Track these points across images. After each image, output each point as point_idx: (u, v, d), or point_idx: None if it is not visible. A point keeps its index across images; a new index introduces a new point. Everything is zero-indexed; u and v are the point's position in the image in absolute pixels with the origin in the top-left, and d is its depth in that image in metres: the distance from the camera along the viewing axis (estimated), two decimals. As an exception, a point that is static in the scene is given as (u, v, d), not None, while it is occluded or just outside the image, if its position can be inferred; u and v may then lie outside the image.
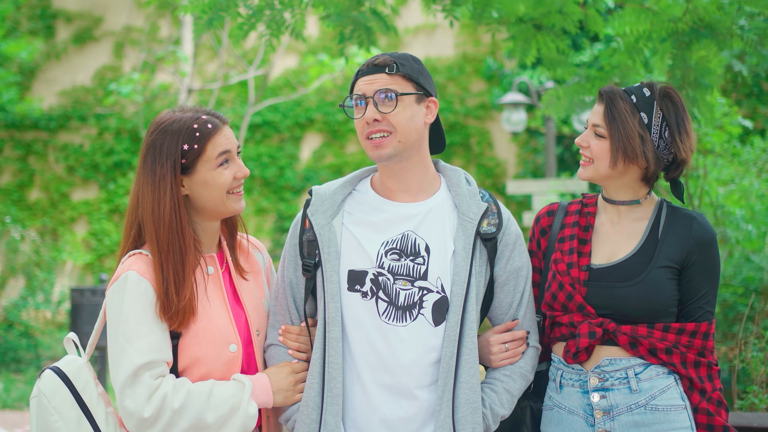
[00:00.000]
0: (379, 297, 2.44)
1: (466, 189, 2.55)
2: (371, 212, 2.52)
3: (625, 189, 2.64)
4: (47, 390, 2.40)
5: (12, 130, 14.21)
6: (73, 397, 2.39)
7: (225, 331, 2.43)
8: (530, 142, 12.91)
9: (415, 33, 13.87)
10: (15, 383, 9.93)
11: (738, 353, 4.36)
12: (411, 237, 2.47)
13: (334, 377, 2.41)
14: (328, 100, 13.85)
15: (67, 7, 14.53)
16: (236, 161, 2.49)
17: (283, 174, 13.72)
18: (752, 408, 4.05)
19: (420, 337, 2.42)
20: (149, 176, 2.42)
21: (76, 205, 14.19)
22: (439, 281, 2.45)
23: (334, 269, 2.45)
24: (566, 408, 2.61)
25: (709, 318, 2.56)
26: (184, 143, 2.41)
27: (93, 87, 14.37)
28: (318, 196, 2.55)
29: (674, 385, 2.53)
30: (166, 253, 2.39)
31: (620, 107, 2.57)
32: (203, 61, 13.99)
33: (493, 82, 13.34)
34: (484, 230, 2.49)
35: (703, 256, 2.56)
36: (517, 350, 2.57)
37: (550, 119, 10.36)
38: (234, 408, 2.34)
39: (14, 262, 12.32)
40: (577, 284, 2.59)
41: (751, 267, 5.99)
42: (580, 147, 2.66)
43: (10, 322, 11.33)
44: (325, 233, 2.48)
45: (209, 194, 2.45)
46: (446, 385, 2.40)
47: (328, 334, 2.42)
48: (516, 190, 10.12)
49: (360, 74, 2.51)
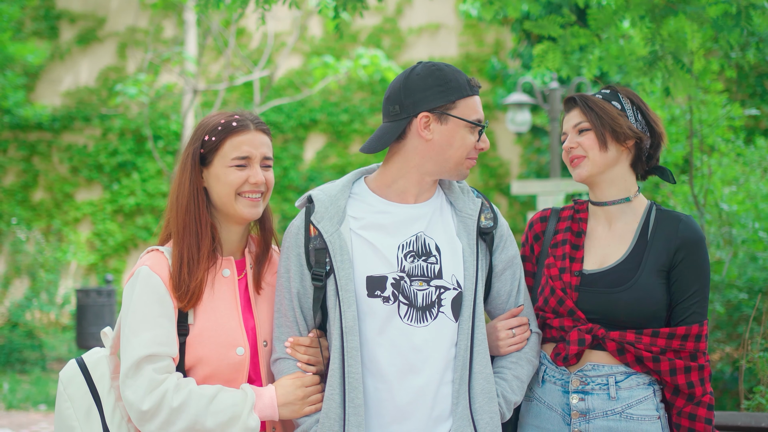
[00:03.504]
0: (400, 301, 2.43)
1: (458, 187, 2.60)
2: (379, 216, 2.50)
3: (617, 183, 2.69)
4: (65, 377, 2.47)
5: (16, 130, 14.24)
6: (88, 386, 2.44)
7: (232, 334, 2.42)
8: (534, 142, 12.91)
9: (419, 33, 13.87)
10: (20, 384, 9.95)
11: (744, 353, 4.36)
12: (422, 238, 2.48)
13: (355, 387, 2.37)
14: (332, 100, 13.86)
15: (71, 8, 14.55)
16: (254, 168, 2.48)
17: (287, 174, 13.74)
18: (759, 408, 4.06)
19: (442, 334, 2.44)
20: (181, 161, 2.52)
21: (80, 206, 14.21)
22: (453, 278, 2.47)
23: (348, 277, 2.41)
24: (546, 403, 2.66)
25: (700, 320, 2.57)
26: (205, 135, 2.48)
27: (97, 88, 14.39)
28: (321, 203, 2.49)
29: (651, 396, 2.58)
30: (182, 234, 2.44)
31: (592, 99, 2.69)
32: (208, 62, 14.01)
33: (497, 83, 13.34)
34: (483, 225, 2.54)
35: (689, 256, 2.58)
36: (523, 336, 2.61)
37: (554, 120, 10.35)
38: (234, 418, 2.33)
39: (19, 263, 12.34)
40: (568, 289, 2.63)
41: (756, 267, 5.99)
42: (568, 151, 2.72)
43: (15, 323, 11.35)
44: (336, 240, 2.44)
45: (219, 190, 2.47)
46: (462, 378, 2.43)
47: (347, 343, 2.38)
48: (520, 191, 10.10)
49: (474, 91, 2.52)
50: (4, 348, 11.02)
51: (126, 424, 2.44)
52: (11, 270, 12.65)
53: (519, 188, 10.09)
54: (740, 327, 5.77)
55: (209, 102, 13.65)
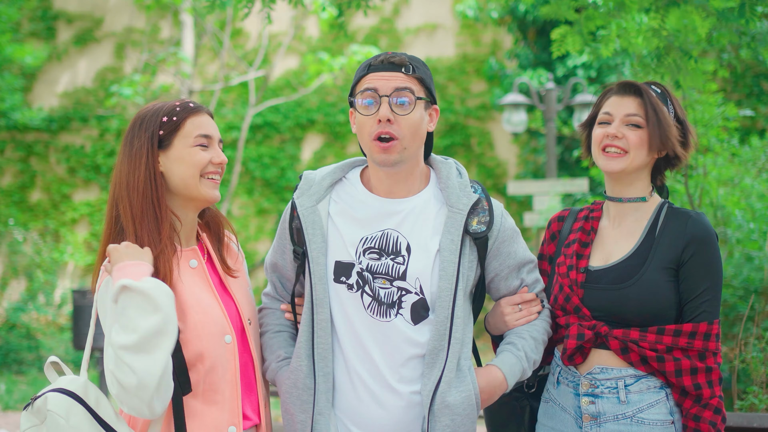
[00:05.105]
0: (364, 291, 2.42)
1: (457, 182, 2.49)
2: (355, 205, 2.48)
3: (638, 183, 2.63)
4: (61, 410, 2.22)
5: (13, 131, 14.23)
6: (90, 414, 2.25)
7: (218, 324, 2.39)
8: (531, 142, 12.92)
9: (416, 33, 13.88)
10: (17, 384, 9.95)
11: (738, 353, 4.36)
12: (393, 235, 2.43)
13: (324, 357, 2.40)
14: (329, 100, 13.86)
15: (68, 9, 14.54)
16: (215, 148, 2.46)
17: (284, 175, 13.73)
18: (752, 408, 4.06)
19: (401, 333, 2.41)
20: (127, 150, 2.39)
21: (77, 207, 14.20)
22: (417, 282, 2.41)
23: (320, 251, 2.42)
24: (560, 404, 2.63)
25: (709, 318, 2.49)
26: (163, 116, 2.41)
27: (94, 88, 14.38)
28: (306, 181, 2.52)
29: (664, 400, 2.52)
30: (140, 221, 2.34)
31: (654, 98, 2.58)
32: (204, 62, 14.01)
33: (494, 83, 13.35)
34: (473, 229, 2.43)
35: (699, 253, 2.51)
36: (532, 310, 2.59)
37: (550, 120, 10.36)
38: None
39: (16, 264, 12.34)
40: (575, 286, 2.59)
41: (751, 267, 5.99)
42: (609, 137, 2.59)
43: (12, 324, 11.34)
44: (309, 215, 2.46)
45: (183, 172, 2.39)
46: (431, 379, 2.39)
47: (316, 315, 2.41)
48: (517, 191, 10.11)
49: (372, 69, 2.42)
50: (1, 349, 11.02)
51: None
52: (8, 271, 12.65)
53: (515, 188, 10.10)
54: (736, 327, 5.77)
55: (205, 102, 13.65)
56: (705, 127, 6.57)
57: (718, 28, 4.38)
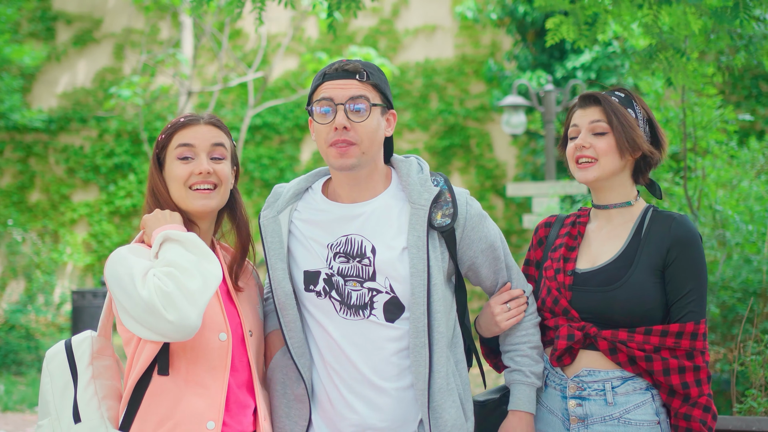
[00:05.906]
0: (331, 296, 2.47)
1: (417, 177, 2.51)
2: (316, 213, 2.54)
3: (619, 189, 2.68)
4: (49, 354, 2.49)
5: (12, 132, 14.23)
6: (69, 363, 2.44)
7: (215, 320, 2.42)
8: (530, 144, 12.92)
9: (415, 35, 13.87)
10: (16, 385, 9.94)
11: (737, 356, 4.36)
12: (356, 240, 2.47)
13: (302, 354, 2.50)
14: (328, 101, 13.85)
15: (67, 9, 14.54)
16: (200, 158, 2.49)
17: (283, 176, 13.73)
18: (751, 411, 4.05)
19: (376, 332, 2.45)
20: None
21: (76, 207, 14.20)
22: (387, 281, 2.44)
23: (278, 257, 2.51)
24: (547, 407, 2.67)
25: (696, 318, 2.53)
26: (161, 135, 2.54)
27: (93, 89, 14.38)
28: (274, 194, 2.62)
29: (650, 401, 2.56)
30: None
31: (615, 103, 2.64)
32: (203, 64, 14.01)
33: (493, 84, 13.35)
34: (438, 224, 2.45)
35: (683, 254, 2.55)
36: (520, 308, 2.63)
37: (550, 122, 10.37)
38: None
39: (15, 265, 12.33)
40: (562, 289, 2.64)
41: (750, 269, 6.00)
42: (578, 149, 2.66)
43: (11, 325, 11.34)
44: (269, 225, 2.54)
45: (173, 187, 2.50)
46: (419, 375, 2.42)
47: (282, 318, 2.50)
48: (516, 193, 10.11)
49: (327, 77, 2.45)
50: (0, 350, 11.01)
51: (96, 401, 2.41)
52: (7, 271, 12.64)
53: (514, 190, 10.10)
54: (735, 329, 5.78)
55: (204, 103, 13.65)
56: (704, 129, 6.58)
57: (715, 30, 4.38)
